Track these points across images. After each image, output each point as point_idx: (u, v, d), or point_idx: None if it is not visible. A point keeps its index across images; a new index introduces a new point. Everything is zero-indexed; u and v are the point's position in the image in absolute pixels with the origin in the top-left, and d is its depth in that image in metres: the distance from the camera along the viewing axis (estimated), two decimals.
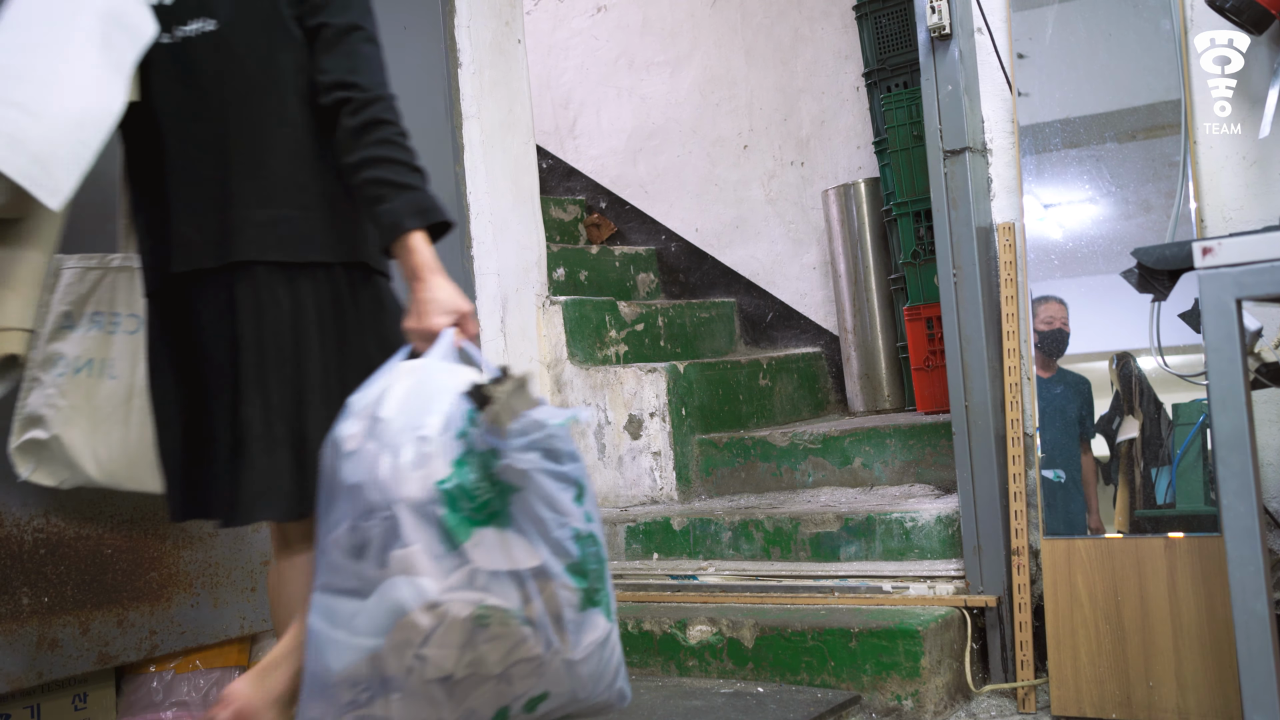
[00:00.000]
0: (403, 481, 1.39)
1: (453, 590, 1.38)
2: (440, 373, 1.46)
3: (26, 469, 1.88)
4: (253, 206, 1.57)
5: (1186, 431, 2.09)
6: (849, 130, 3.78)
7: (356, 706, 1.40)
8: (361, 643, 1.38)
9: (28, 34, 1.49)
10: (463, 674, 1.40)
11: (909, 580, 2.34)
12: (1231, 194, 2.13)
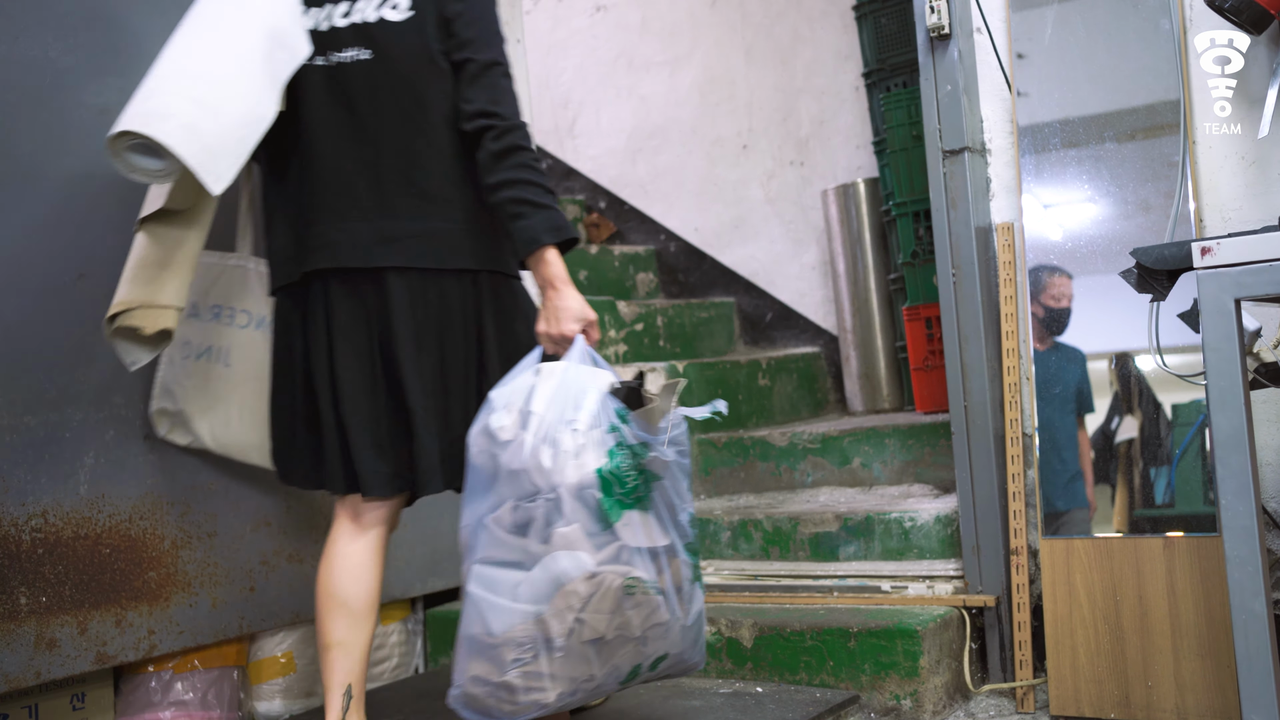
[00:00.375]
0: (563, 468, 1.60)
1: (605, 563, 1.61)
2: (581, 374, 1.67)
3: (162, 429, 2.13)
4: (405, 219, 1.78)
5: (1185, 431, 2.09)
6: (848, 130, 3.78)
7: (520, 664, 1.60)
8: (525, 608, 1.60)
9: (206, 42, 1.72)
10: (612, 636, 1.63)
11: (908, 580, 2.34)
12: (1230, 194, 2.13)
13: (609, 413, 1.65)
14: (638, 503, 1.66)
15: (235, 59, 1.71)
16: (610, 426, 1.64)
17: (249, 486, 2.31)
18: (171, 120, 1.63)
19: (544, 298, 1.76)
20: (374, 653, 2.56)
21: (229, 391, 2.10)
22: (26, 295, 2.02)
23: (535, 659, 1.60)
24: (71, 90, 2.11)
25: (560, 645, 1.60)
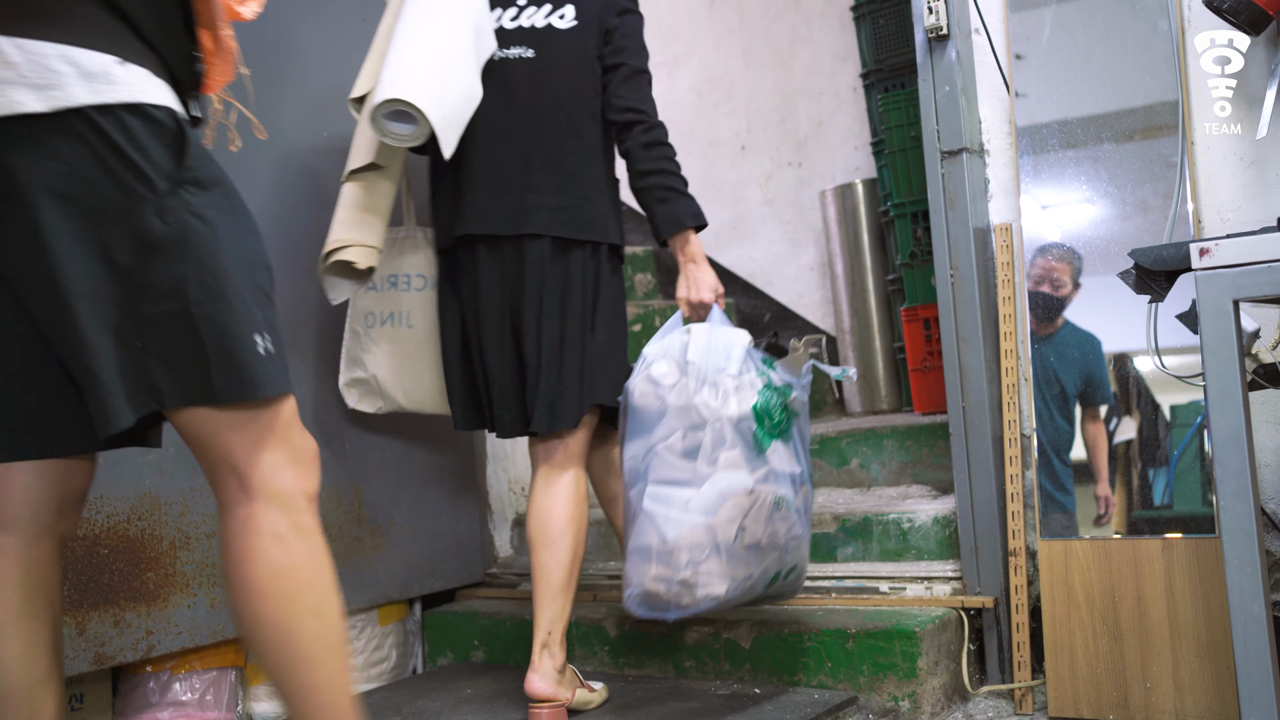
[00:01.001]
0: (725, 404, 1.95)
1: (759, 483, 1.95)
2: (724, 331, 2.04)
3: (351, 400, 2.39)
4: (547, 194, 2.06)
5: (1184, 433, 2.09)
6: (846, 131, 3.78)
7: (695, 564, 1.91)
8: (696, 519, 1.91)
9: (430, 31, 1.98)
10: (765, 542, 1.96)
11: (906, 581, 2.34)
12: (1229, 195, 2.13)
13: (755, 361, 2.03)
14: (782, 435, 2.01)
15: (454, 46, 1.99)
16: (759, 371, 2.02)
17: None
18: (424, 92, 1.91)
19: (685, 270, 2.10)
20: (371, 653, 2.56)
21: (416, 349, 2.33)
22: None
23: (707, 559, 1.91)
24: None
25: (726, 548, 1.92)
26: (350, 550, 2.49)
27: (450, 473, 2.75)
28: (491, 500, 2.91)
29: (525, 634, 2.56)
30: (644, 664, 2.40)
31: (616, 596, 2.60)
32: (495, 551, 2.93)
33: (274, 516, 1.29)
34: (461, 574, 2.78)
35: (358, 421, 2.53)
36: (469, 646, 2.64)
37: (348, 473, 2.50)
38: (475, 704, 2.23)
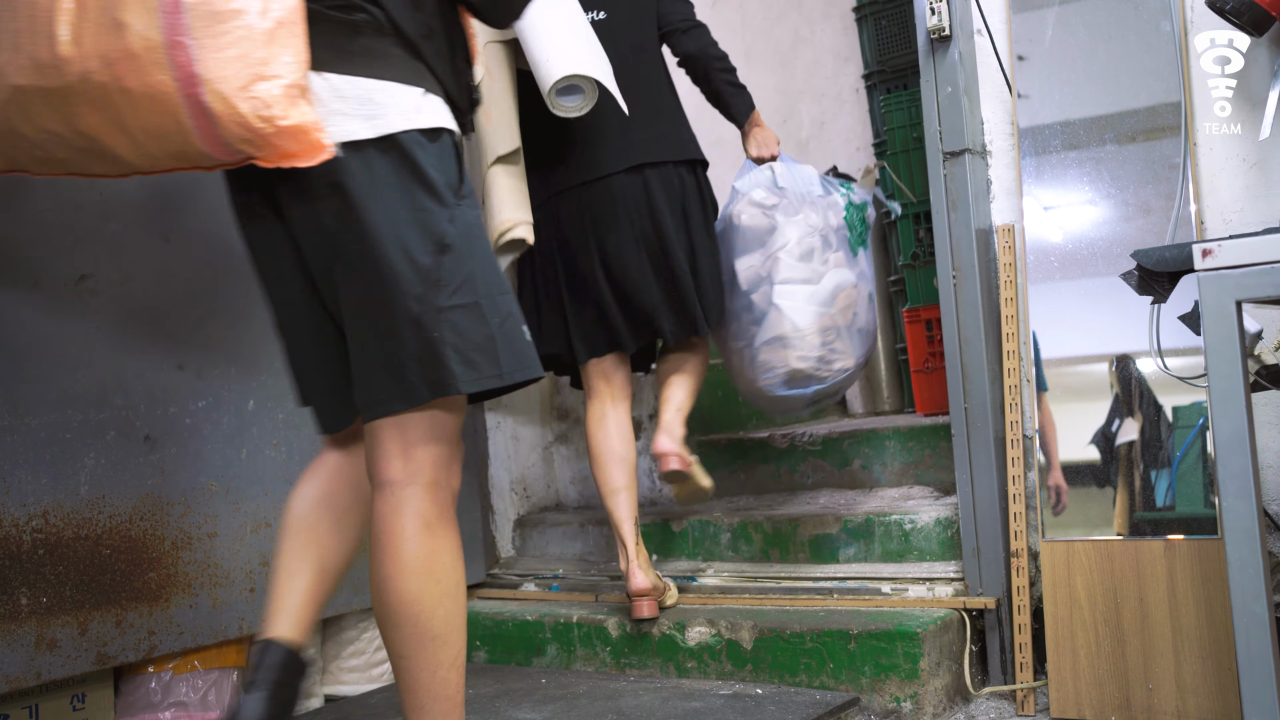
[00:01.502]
0: (825, 217, 2.43)
1: (859, 279, 2.45)
2: (795, 166, 2.52)
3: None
4: (646, 129, 2.41)
5: (1186, 434, 2.09)
6: (848, 132, 3.78)
7: (828, 344, 2.36)
8: (819, 309, 2.37)
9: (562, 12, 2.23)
10: (866, 327, 2.46)
11: (908, 582, 2.33)
12: (1231, 196, 2.13)
13: (834, 185, 2.52)
14: (862, 242, 2.50)
15: (582, 18, 2.27)
16: (840, 192, 2.50)
17: (249, 487, 2.32)
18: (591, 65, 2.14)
19: (754, 135, 2.55)
20: (373, 654, 2.56)
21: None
22: (28, 296, 2.02)
23: (837, 339, 2.37)
24: None
25: (847, 329, 2.39)
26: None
27: None
28: (494, 500, 2.91)
29: (527, 634, 2.56)
30: (646, 664, 2.40)
31: (619, 598, 2.60)
32: (497, 552, 2.92)
33: (428, 503, 1.47)
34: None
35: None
36: (471, 647, 2.64)
37: None
38: (477, 704, 2.23)
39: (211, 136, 1.34)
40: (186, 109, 1.32)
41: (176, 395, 2.21)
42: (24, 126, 1.41)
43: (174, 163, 1.41)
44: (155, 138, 1.36)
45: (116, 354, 2.13)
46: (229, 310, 2.32)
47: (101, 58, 1.31)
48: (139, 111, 1.33)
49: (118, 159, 1.41)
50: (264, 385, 2.36)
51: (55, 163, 1.46)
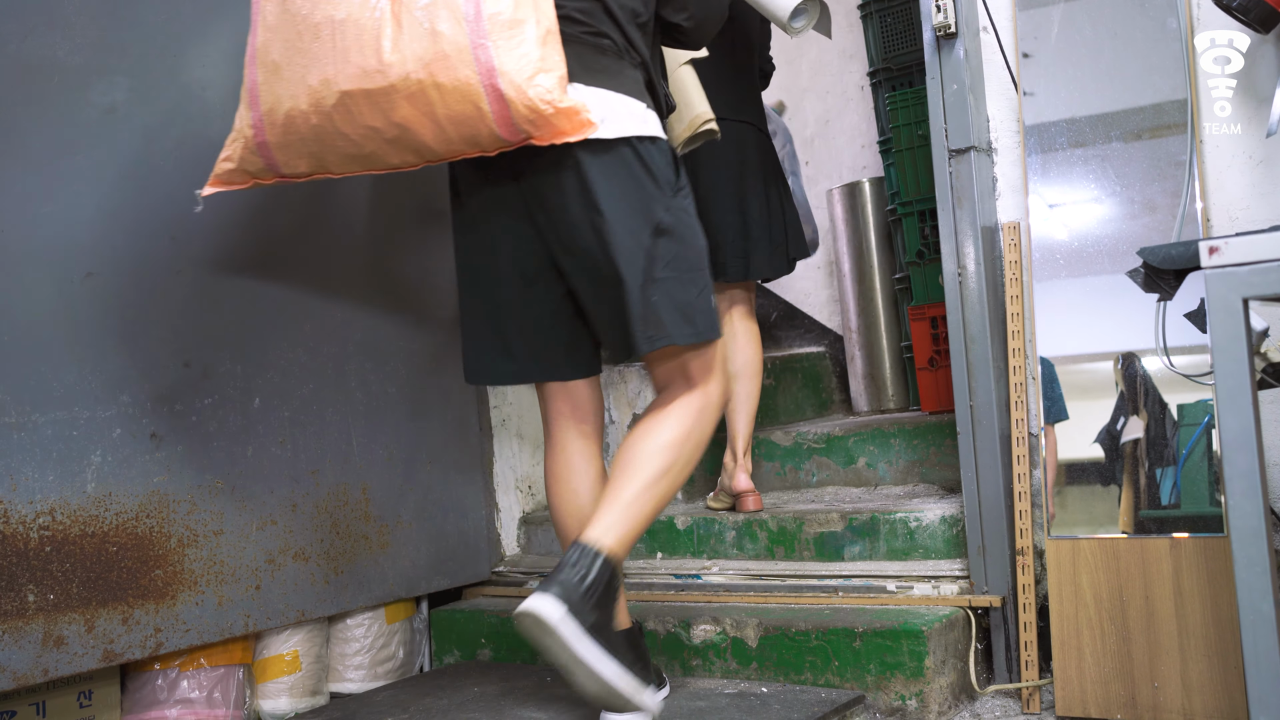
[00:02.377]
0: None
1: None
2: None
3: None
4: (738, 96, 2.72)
5: (1192, 432, 2.08)
6: (853, 130, 3.78)
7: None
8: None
9: None
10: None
11: (913, 580, 2.33)
12: (1238, 193, 2.12)
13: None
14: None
15: None
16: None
17: (255, 485, 2.32)
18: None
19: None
20: (378, 651, 2.57)
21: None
22: (34, 293, 2.03)
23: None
24: (78, 89, 2.11)
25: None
26: (357, 548, 2.50)
27: (457, 471, 2.75)
28: (499, 498, 2.92)
29: None
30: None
31: (624, 596, 2.60)
32: (502, 550, 2.93)
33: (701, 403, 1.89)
34: (468, 572, 2.78)
35: (365, 418, 2.53)
36: (476, 645, 2.65)
37: (355, 471, 2.51)
38: (482, 703, 2.23)
39: (505, 119, 1.67)
40: (487, 97, 1.65)
41: (183, 393, 2.21)
42: (347, 126, 1.72)
43: (465, 147, 1.72)
44: (458, 124, 1.68)
45: (123, 352, 2.13)
46: (235, 308, 2.33)
47: (419, 60, 1.65)
48: (448, 102, 1.66)
49: (420, 146, 1.72)
50: (270, 383, 2.36)
51: (361, 159, 1.78)
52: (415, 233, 2.72)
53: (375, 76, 1.67)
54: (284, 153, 1.81)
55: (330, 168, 1.83)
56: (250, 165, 1.86)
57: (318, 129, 1.75)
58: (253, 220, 2.38)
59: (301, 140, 1.78)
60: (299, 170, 1.84)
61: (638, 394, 3.00)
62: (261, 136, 1.80)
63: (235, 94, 2.39)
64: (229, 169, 1.88)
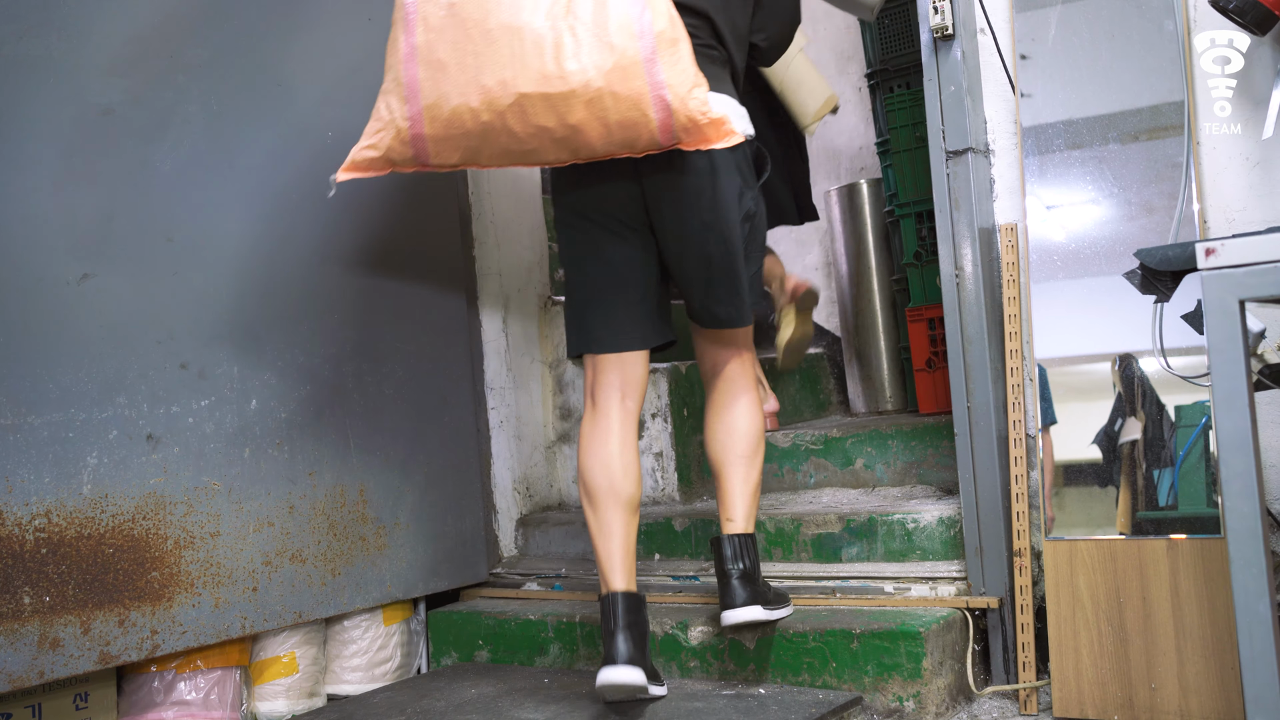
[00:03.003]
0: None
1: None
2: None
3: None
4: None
5: (1189, 433, 2.08)
6: (851, 131, 3.78)
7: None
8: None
9: None
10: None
11: (911, 581, 2.33)
12: (1234, 195, 2.12)
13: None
14: None
15: None
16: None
17: (252, 486, 2.32)
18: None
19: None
20: (375, 653, 2.56)
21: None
22: (30, 294, 2.03)
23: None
24: (75, 90, 2.11)
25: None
26: (355, 549, 2.50)
27: (455, 472, 2.75)
28: (496, 500, 2.92)
29: (530, 634, 2.56)
30: None
31: None
32: (500, 551, 2.93)
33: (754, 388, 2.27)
34: (466, 574, 2.78)
35: (363, 420, 2.53)
36: (473, 646, 2.65)
37: (352, 471, 2.51)
38: (479, 704, 2.23)
39: (666, 127, 1.89)
40: (654, 107, 1.87)
41: (179, 394, 2.21)
42: (518, 125, 1.89)
43: (621, 149, 1.93)
44: (625, 128, 1.89)
45: (119, 353, 2.13)
46: (231, 310, 2.33)
47: (598, 69, 1.85)
48: (620, 109, 1.86)
49: (582, 146, 1.92)
50: (267, 385, 2.36)
51: (518, 155, 1.95)
52: (414, 236, 2.72)
53: (556, 82, 1.85)
54: (440, 145, 1.95)
55: (481, 161, 1.98)
56: (397, 155, 1.98)
57: (487, 126, 1.90)
58: (250, 222, 2.38)
59: (465, 135, 1.92)
60: (448, 162, 1.98)
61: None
62: (419, 129, 1.93)
63: (236, 93, 2.39)
64: (371, 157, 2.00)
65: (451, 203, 2.84)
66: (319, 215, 2.50)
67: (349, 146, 2.53)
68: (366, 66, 2.55)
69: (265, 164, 2.41)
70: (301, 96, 2.49)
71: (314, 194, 2.47)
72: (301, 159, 2.47)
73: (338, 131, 2.53)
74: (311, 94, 2.51)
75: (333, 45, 2.57)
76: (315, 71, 2.52)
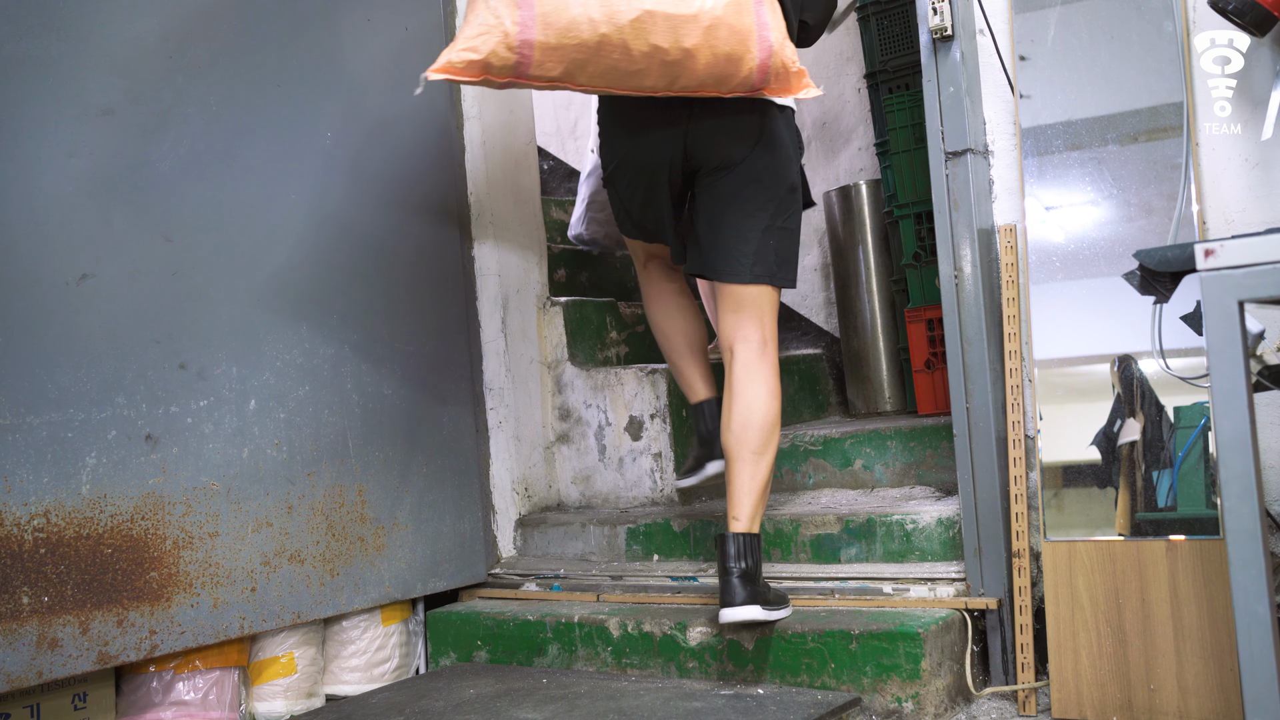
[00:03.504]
0: None
1: None
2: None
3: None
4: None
5: (1188, 434, 2.08)
6: (850, 132, 3.78)
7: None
8: None
9: None
10: None
11: (910, 582, 2.33)
12: (1234, 196, 2.12)
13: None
14: None
15: None
16: None
17: (251, 487, 2.32)
18: None
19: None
20: (374, 654, 2.56)
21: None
22: (29, 295, 2.02)
23: None
24: (76, 92, 2.11)
25: None
26: (353, 550, 2.49)
27: (454, 473, 2.75)
28: (495, 500, 2.91)
29: (529, 634, 2.56)
30: (647, 664, 2.40)
31: (620, 598, 2.60)
32: (499, 552, 2.92)
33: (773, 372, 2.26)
34: (464, 574, 2.78)
35: (361, 420, 2.53)
36: (472, 647, 2.64)
37: (351, 472, 2.50)
38: (478, 704, 2.23)
39: (763, 66, 2.02)
40: (758, 44, 2.00)
41: (178, 395, 2.21)
42: (635, 41, 1.94)
43: (714, 84, 2.03)
44: (728, 61, 2.00)
45: (118, 353, 2.13)
46: (231, 310, 2.32)
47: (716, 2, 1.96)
48: (730, 40, 1.98)
49: (685, 74, 2.00)
50: (266, 385, 2.36)
51: (620, 75, 1.99)
52: (413, 236, 2.71)
53: (681, 3, 1.94)
54: (546, 55, 1.93)
55: (579, 79, 1.99)
56: (497, 60, 1.93)
57: (603, 39, 1.92)
58: (249, 221, 2.38)
59: (577, 46, 1.92)
60: (548, 75, 1.97)
61: (634, 396, 3.00)
62: (529, 35, 1.91)
63: (233, 92, 2.39)
64: (470, 59, 1.93)
65: (451, 203, 2.84)
66: (317, 215, 2.50)
67: (349, 146, 2.54)
68: (367, 68, 2.56)
69: (264, 163, 2.41)
70: (302, 98, 2.49)
71: (313, 194, 2.47)
72: (303, 158, 2.47)
73: (337, 132, 2.53)
74: (311, 95, 2.51)
75: (329, 48, 2.57)
76: (316, 72, 2.52)
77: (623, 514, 2.88)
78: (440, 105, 2.84)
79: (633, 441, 3.00)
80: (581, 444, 3.09)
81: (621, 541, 2.79)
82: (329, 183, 2.53)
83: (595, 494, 3.05)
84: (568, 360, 3.09)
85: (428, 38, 2.82)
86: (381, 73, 2.66)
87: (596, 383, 3.06)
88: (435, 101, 2.83)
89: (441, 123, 2.84)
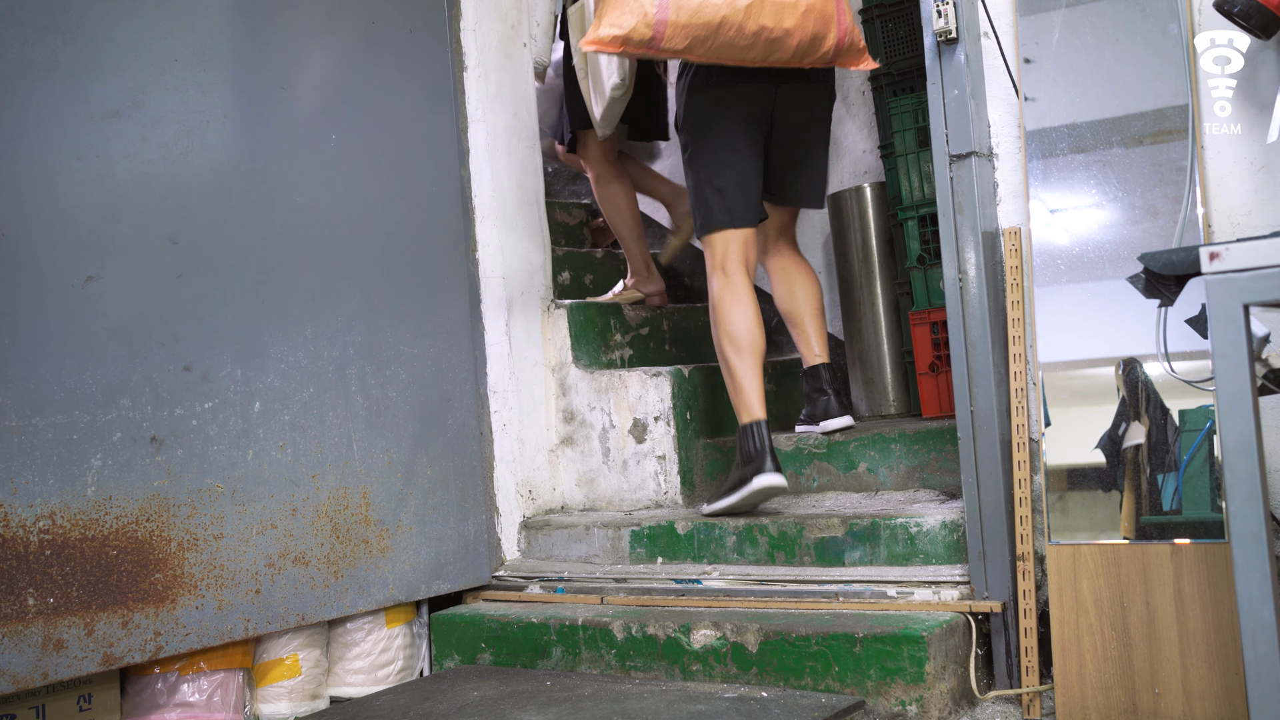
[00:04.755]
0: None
1: None
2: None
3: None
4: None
5: (1193, 438, 2.08)
6: (855, 134, 3.78)
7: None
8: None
9: None
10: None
11: (914, 585, 2.33)
12: (1239, 199, 2.12)
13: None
14: None
15: None
16: None
17: (256, 488, 2.32)
18: None
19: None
20: (378, 656, 2.56)
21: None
22: (35, 297, 2.03)
23: None
24: (82, 94, 2.11)
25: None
26: (358, 552, 2.50)
27: (458, 475, 2.75)
28: (499, 503, 2.92)
29: (532, 636, 2.56)
30: (651, 666, 2.40)
31: (624, 600, 2.60)
32: (502, 554, 2.93)
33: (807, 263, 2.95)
34: (468, 576, 2.78)
35: (365, 423, 2.53)
36: (476, 649, 2.65)
37: (355, 474, 2.51)
38: (482, 707, 2.23)
39: (840, 43, 2.47)
40: (837, 24, 2.45)
41: (183, 397, 2.22)
42: (749, 22, 2.34)
43: (798, 58, 2.46)
44: (815, 39, 2.43)
45: (123, 355, 2.13)
46: (236, 312, 2.33)
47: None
48: (818, 22, 2.41)
49: (781, 50, 2.41)
50: (270, 388, 2.36)
51: (729, 49, 2.38)
52: (417, 239, 2.72)
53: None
54: (676, 31, 2.31)
55: (696, 52, 2.37)
56: (637, 35, 2.31)
57: (724, 20, 2.32)
58: (254, 223, 2.39)
59: (702, 25, 2.31)
60: (674, 48, 2.35)
61: (638, 399, 3.01)
62: (664, 14, 2.29)
63: (238, 95, 2.40)
64: (614, 34, 2.31)
65: (456, 206, 2.84)
66: (321, 217, 2.50)
67: (351, 147, 2.54)
68: (372, 71, 2.57)
69: (269, 166, 2.42)
70: (303, 99, 2.49)
71: (317, 197, 2.48)
72: (307, 161, 2.48)
73: (342, 136, 2.53)
74: (315, 99, 2.51)
75: (334, 52, 2.58)
76: (322, 75, 2.53)
77: (626, 516, 2.88)
78: (444, 108, 2.85)
79: (637, 444, 3.00)
80: (585, 446, 3.09)
81: (625, 544, 2.79)
82: (333, 185, 2.53)
83: (599, 496, 3.05)
84: (572, 363, 3.09)
85: (431, 40, 2.82)
86: (387, 75, 2.67)
87: (600, 385, 3.06)
88: (439, 104, 2.84)
89: (445, 126, 2.85)
